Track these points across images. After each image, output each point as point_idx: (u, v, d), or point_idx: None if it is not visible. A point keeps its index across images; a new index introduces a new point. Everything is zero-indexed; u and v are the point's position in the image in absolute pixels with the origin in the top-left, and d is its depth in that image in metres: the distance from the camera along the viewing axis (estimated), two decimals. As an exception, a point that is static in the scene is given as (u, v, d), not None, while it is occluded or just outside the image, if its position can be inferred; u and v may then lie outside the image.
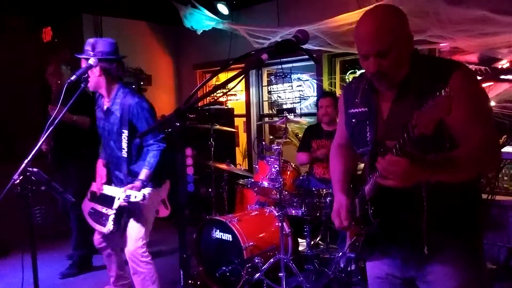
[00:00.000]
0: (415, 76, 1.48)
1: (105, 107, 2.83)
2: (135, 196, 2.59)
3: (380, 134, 1.55)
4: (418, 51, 1.55)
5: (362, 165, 1.79)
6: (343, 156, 1.85)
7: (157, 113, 2.90)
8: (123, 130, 2.73)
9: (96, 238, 3.04)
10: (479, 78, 3.83)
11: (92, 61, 2.53)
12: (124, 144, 2.74)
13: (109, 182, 2.91)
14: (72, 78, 2.31)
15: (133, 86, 5.67)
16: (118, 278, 3.20)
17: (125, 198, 2.62)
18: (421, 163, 1.30)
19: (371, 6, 1.60)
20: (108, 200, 2.77)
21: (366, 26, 1.46)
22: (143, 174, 2.70)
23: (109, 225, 2.71)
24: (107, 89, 2.77)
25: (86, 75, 2.43)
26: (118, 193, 2.68)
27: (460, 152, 1.39)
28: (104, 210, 2.79)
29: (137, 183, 2.66)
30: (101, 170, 2.94)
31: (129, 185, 2.67)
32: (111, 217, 2.70)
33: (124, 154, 2.74)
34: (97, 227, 2.84)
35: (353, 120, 1.68)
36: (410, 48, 1.49)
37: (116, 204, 2.67)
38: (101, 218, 2.79)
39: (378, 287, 1.73)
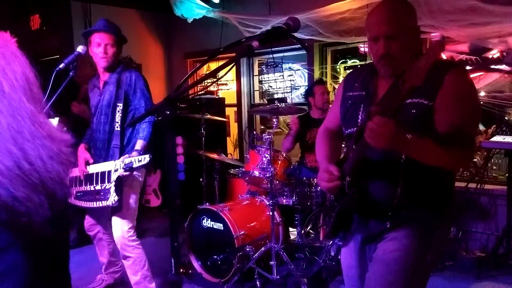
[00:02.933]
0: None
1: (101, 83, 2.87)
2: (139, 160, 2.57)
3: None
4: (422, 45, 1.68)
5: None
6: (329, 138, 1.91)
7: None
8: (118, 104, 2.77)
9: (86, 222, 3.03)
10: (469, 68, 3.86)
11: (80, 48, 2.49)
12: (118, 118, 2.76)
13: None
14: (61, 66, 2.27)
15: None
16: (110, 264, 3.20)
17: (125, 166, 2.59)
18: (404, 131, 1.40)
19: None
20: (98, 178, 2.74)
21: (378, 11, 1.60)
22: (139, 144, 2.72)
23: (113, 197, 2.66)
24: (116, 66, 2.86)
25: (75, 63, 2.40)
26: (113, 166, 2.66)
27: (440, 143, 1.48)
28: (97, 187, 2.75)
29: (134, 153, 2.67)
30: (83, 153, 2.88)
31: (126, 155, 2.67)
32: (112, 189, 2.66)
33: (117, 128, 2.76)
34: (95, 204, 2.75)
35: (349, 101, 1.75)
36: (417, 41, 1.62)
37: (114, 176, 2.65)
38: (97, 195, 2.73)
39: (348, 270, 1.81)
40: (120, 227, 2.81)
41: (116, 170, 2.65)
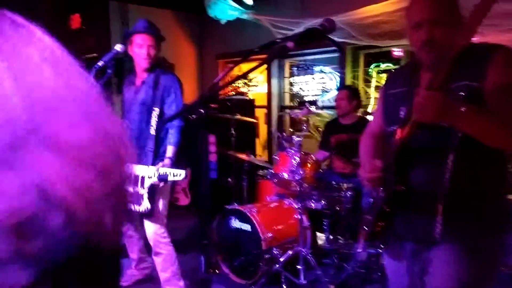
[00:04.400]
0: (464, 55, 1.42)
1: (139, 81, 2.92)
2: (174, 175, 2.60)
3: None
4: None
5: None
6: (374, 140, 1.83)
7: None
8: (154, 108, 2.80)
9: None
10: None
11: (118, 47, 2.56)
12: (154, 121, 2.80)
13: None
14: (99, 63, 2.34)
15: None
16: (140, 261, 3.26)
17: (160, 177, 2.61)
18: (455, 101, 1.33)
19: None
20: (133, 179, 2.76)
21: None
22: (170, 151, 2.75)
23: (146, 203, 2.69)
24: (155, 67, 2.91)
25: (113, 61, 2.47)
26: (147, 172, 2.69)
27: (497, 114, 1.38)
28: (129, 188, 2.78)
29: (167, 161, 2.71)
30: None
31: (160, 164, 2.70)
32: (145, 196, 2.69)
33: (152, 131, 2.79)
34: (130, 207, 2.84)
35: (391, 99, 1.70)
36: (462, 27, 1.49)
37: (147, 183, 2.67)
38: (130, 197, 2.79)
39: (396, 277, 1.70)
40: (153, 225, 2.85)
41: (150, 177, 2.67)
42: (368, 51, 5.08)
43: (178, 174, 2.59)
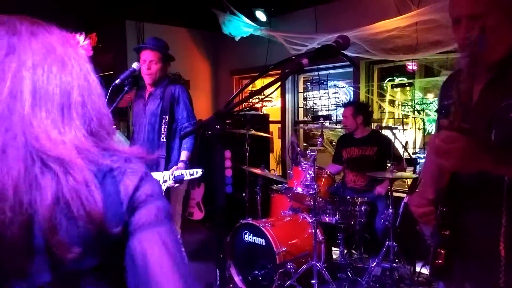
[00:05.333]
0: None
1: (147, 94, 3.05)
2: (191, 174, 2.63)
3: None
4: None
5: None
6: None
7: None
8: (164, 116, 2.91)
9: None
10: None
11: (135, 65, 2.64)
12: (164, 129, 2.90)
13: None
14: (117, 81, 2.40)
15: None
16: None
17: (175, 179, 2.64)
18: (485, 144, 1.12)
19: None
20: None
21: None
22: (184, 155, 2.85)
23: None
24: (160, 81, 3.02)
25: (130, 79, 2.53)
26: (161, 176, 2.71)
27: None
28: None
29: (180, 164, 2.80)
30: None
31: (174, 167, 2.78)
32: None
33: (163, 139, 2.89)
34: None
35: (443, 112, 1.45)
36: None
37: (163, 187, 2.69)
38: None
39: None
40: None
41: (165, 181, 2.70)
42: (382, 66, 5.10)
43: (195, 172, 2.64)
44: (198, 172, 2.64)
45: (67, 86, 0.75)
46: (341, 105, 5.48)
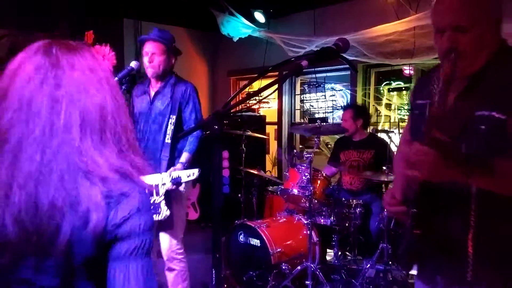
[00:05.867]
0: (492, 70, 1.27)
1: (153, 91, 2.85)
2: (188, 175, 2.54)
3: None
4: (505, 41, 1.34)
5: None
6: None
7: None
8: (171, 116, 2.75)
9: None
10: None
11: (133, 64, 2.61)
12: (170, 130, 2.74)
13: None
14: (115, 79, 2.38)
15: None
16: None
17: (173, 181, 2.55)
18: (453, 157, 1.15)
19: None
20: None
21: None
22: (184, 157, 2.70)
23: (164, 210, 2.58)
24: (166, 76, 2.85)
25: (128, 77, 2.51)
26: (161, 179, 2.61)
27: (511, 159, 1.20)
28: None
29: (179, 165, 2.65)
30: None
31: (172, 168, 2.63)
32: (163, 203, 2.59)
33: (168, 140, 2.73)
34: None
35: (416, 112, 1.51)
36: (496, 33, 1.30)
37: (162, 190, 2.59)
38: None
39: None
40: (169, 239, 2.79)
41: (163, 184, 2.60)
42: (379, 69, 5.13)
43: (192, 174, 2.54)
44: (195, 173, 2.55)
45: (104, 111, 0.88)
46: (340, 107, 5.51)
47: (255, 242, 3.33)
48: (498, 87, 1.23)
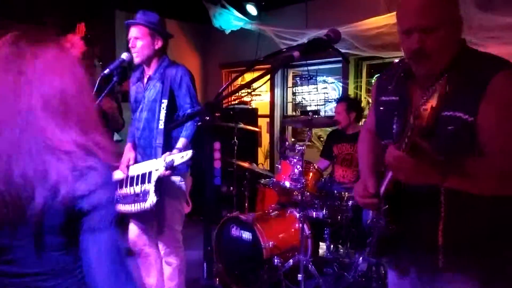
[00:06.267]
0: (456, 69, 1.32)
1: (145, 78, 2.72)
2: (181, 157, 2.40)
3: None
4: (465, 41, 1.41)
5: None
6: (371, 140, 1.71)
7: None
8: (163, 100, 2.59)
9: (131, 233, 2.78)
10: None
11: (125, 55, 2.57)
12: (162, 115, 2.58)
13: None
14: (106, 71, 2.35)
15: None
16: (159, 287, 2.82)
17: (167, 165, 2.41)
18: (430, 163, 1.19)
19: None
20: (139, 179, 2.56)
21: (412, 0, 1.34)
22: (180, 142, 2.55)
23: (152, 197, 2.44)
24: (156, 61, 2.68)
25: (119, 69, 2.47)
26: (154, 165, 2.48)
27: (481, 160, 1.27)
28: (137, 189, 2.54)
29: (175, 151, 2.49)
30: (130, 152, 2.74)
31: (167, 153, 2.47)
32: (152, 190, 2.45)
33: (161, 125, 2.58)
34: (134, 207, 2.51)
35: (381, 108, 1.56)
36: (458, 34, 1.36)
37: (154, 176, 2.45)
38: (136, 197, 2.51)
39: None
40: (169, 229, 2.70)
41: (157, 170, 2.46)
42: (371, 62, 5.13)
43: (185, 155, 2.39)
44: (188, 154, 2.39)
45: (65, 95, 0.99)
46: (333, 100, 5.51)
47: (247, 235, 3.33)
48: (460, 88, 1.27)
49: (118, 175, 2.73)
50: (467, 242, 1.36)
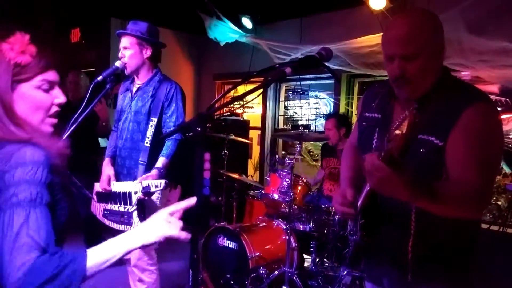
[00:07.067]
0: (436, 96, 1.40)
1: (135, 88, 2.69)
2: (156, 185, 2.38)
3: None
4: (448, 69, 1.49)
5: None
6: (354, 154, 1.76)
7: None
8: (152, 118, 2.57)
9: None
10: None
11: (118, 63, 2.58)
12: (150, 133, 2.56)
13: (117, 179, 2.67)
14: (99, 78, 2.34)
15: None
16: None
17: (143, 190, 2.40)
18: (402, 178, 1.22)
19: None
20: (121, 197, 2.55)
21: (397, 27, 1.41)
22: (160, 162, 2.52)
23: (136, 221, 2.45)
24: (146, 71, 2.67)
25: (112, 77, 2.47)
26: (133, 187, 2.46)
27: (447, 186, 1.33)
28: (121, 208, 2.56)
29: (154, 171, 2.47)
30: (108, 168, 2.69)
31: (144, 175, 2.45)
32: (135, 214, 2.45)
33: (147, 143, 2.56)
34: (121, 227, 2.52)
35: (364, 124, 1.64)
36: (439, 60, 1.43)
37: (134, 198, 2.45)
38: (122, 217, 2.54)
39: None
40: (140, 250, 2.50)
41: (135, 193, 2.46)
42: (363, 79, 5.20)
43: (159, 184, 2.38)
44: (161, 184, 2.38)
45: None
46: (323, 116, 5.57)
47: (234, 245, 3.34)
48: (436, 114, 1.34)
49: (98, 188, 2.71)
50: (434, 258, 1.44)
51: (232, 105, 5.42)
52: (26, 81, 1.16)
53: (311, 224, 3.57)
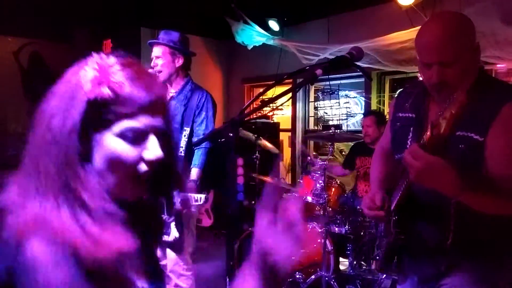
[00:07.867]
0: (473, 95, 1.35)
1: (168, 96, 2.66)
2: (195, 200, 2.40)
3: None
4: (483, 67, 1.49)
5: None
6: (385, 157, 1.75)
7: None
8: (185, 128, 2.59)
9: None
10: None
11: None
12: (183, 143, 2.57)
13: None
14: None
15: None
16: None
17: (183, 203, 2.36)
18: (448, 166, 1.18)
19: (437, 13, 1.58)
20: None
21: (430, 34, 1.38)
22: (194, 173, 2.55)
23: (174, 232, 2.48)
24: (179, 80, 2.70)
25: None
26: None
27: (497, 179, 1.28)
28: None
29: (190, 185, 2.51)
30: None
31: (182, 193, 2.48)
32: (172, 224, 2.47)
33: (181, 153, 2.56)
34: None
35: (398, 124, 1.61)
36: (476, 59, 1.42)
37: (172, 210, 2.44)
38: None
39: None
40: (176, 255, 2.64)
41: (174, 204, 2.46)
42: (394, 77, 5.09)
43: (199, 199, 2.40)
44: (201, 199, 2.39)
45: None
46: (356, 115, 5.49)
47: (269, 250, 3.32)
48: (475, 110, 1.32)
49: None
50: (473, 252, 1.43)
51: (262, 108, 5.42)
52: None
53: (346, 226, 3.52)
